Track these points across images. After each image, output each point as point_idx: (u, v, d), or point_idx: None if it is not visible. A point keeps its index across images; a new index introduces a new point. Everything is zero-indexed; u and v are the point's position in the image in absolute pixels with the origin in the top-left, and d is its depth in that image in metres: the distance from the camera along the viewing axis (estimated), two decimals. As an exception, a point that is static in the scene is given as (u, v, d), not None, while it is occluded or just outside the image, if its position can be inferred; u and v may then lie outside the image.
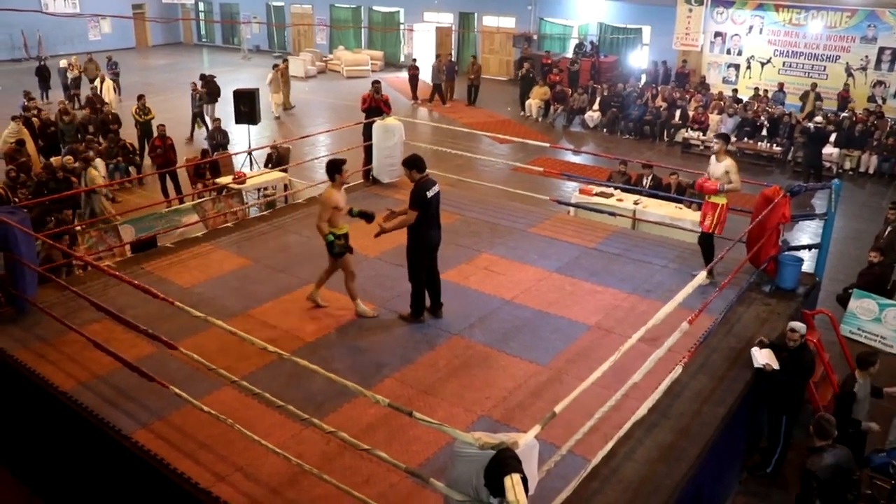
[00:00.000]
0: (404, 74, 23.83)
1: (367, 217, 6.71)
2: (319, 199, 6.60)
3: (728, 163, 7.48)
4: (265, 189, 12.11)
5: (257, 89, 14.29)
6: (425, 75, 23.48)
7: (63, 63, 22.00)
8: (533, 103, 20.30)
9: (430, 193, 6.39)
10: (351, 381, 4.30)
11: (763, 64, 20.56)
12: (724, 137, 7.66)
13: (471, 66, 21.97)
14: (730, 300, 7.09)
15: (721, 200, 7.58)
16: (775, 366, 5.99)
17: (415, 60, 22.97)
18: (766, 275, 7.73)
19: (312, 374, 4.50)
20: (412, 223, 6.40)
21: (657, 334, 5.83)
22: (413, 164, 6.44)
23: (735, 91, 19.52)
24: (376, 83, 12.13)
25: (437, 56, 22.98)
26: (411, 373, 6.04)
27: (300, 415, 4.46)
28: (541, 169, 11.56)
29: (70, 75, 21.55)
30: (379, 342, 6.54)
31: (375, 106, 11.80)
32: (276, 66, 20.48)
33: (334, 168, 6.57)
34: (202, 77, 18.42)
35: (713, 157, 7.68)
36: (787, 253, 7.76)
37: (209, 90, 18.17)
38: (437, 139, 17.23)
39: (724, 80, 21.11)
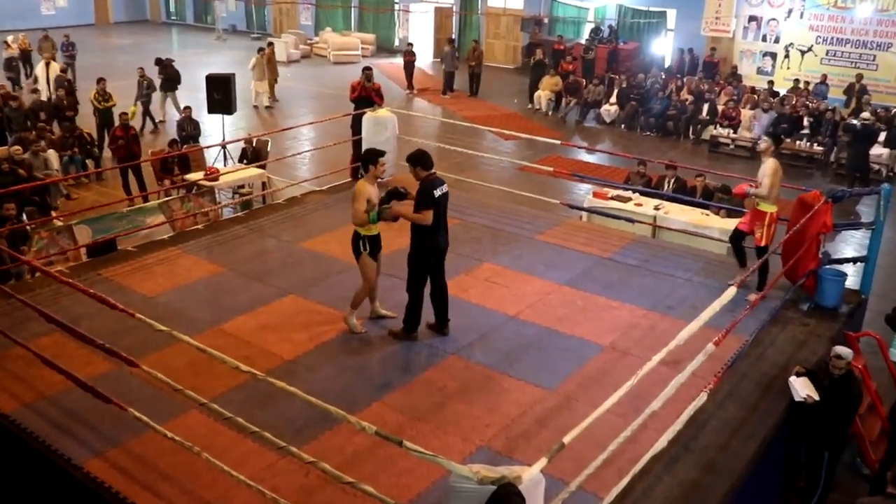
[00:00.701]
0: (399, 61, 23.91)
1: (400, 195, 6.64)
2: (353, 193, 6.62)
3: (767, 164, 7.51)
4: (240, 187, 12.11)
5: (233, 74, 14.32)
6: (422, 62, 23.55)
7: (10, 39, 21.95)
8: (542, 95, 20.37)
9: (438, 192, 6.44)
10: (334, 406, 4.30)
11: (803, 52, 20.60)
12: (774, 137, 7.70)
13: (471, 51, 22.03)
14: (762, 319, 7.11)
15: (770, 208, 7.57)
16: (816, 397, 5.99)
17: (410, 45, 23.05)
18: (805, 291, 7.75)
19: (291, 397, 4.50)
20: (424, 224, 6.43)
21: (679, 356, 5.82)
22: (418, 160, 6.49)
23: (771, 83, 19.54)
24: (367, 70, 12.18)
25: (450, 40, 22.89)
26: (402, 396, 6.04)
27: (276, 442, 4.46)
28: (550, 169, 11.59)
29: (5, 55, 21.35)
30: (366, 362, 6.54)
31: (366, 95, 11.84)
32: (261, 49, 20.45)
33: (369, 158, 6.60)
34: (158, 61, 18.26)
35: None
36: (828, 266, 7.77)
37: (167, 76, 18.02)
38: (434, 134, 17.25)
39: (759, 71, 21.17)
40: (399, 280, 7.21)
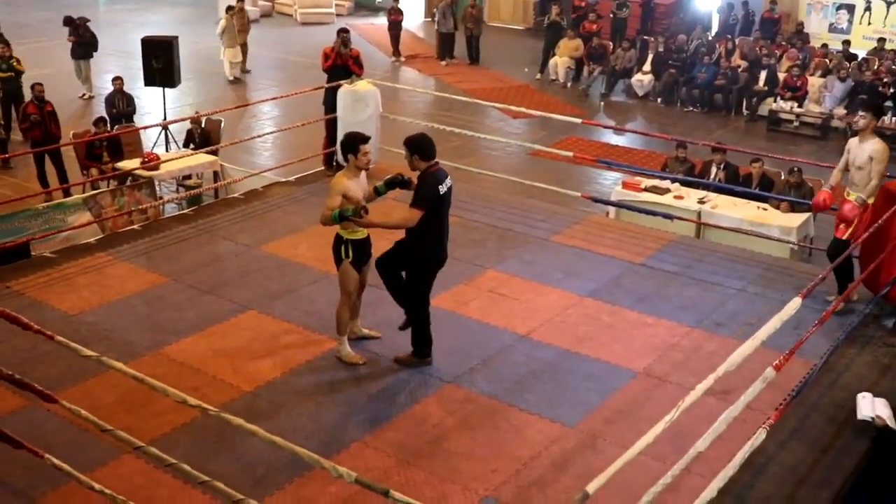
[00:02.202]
0: (382, 21, 23.94)
1: (403, 184, 6.59)
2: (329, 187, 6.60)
3: (875, 146, 7.50)
4: (187, 178, 12.10)
5: (175, 37, 14.32)
6: (411, 22, 23.49)
7: None
8: (560, 62, 20.41)
9: (444, 188, 6.44)
10: (304, 447, 4.30)
11: (890, 3, 20.51)
12: (875, 109, 7.70)
13: (468, 10, 22.05)
14: (835, 339, 7.11)
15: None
16: (891, 421, 5.97)
17: (397, 2, 23.08)
18: (889, 303, 7.76)
19: (250, 438, 4.50)
20: (414, 226, 6.41)
21: (731, 385, 5.82)
22: (416, 146, 6.44)
23: (847, 44, 19.52)
24: (344, 32, 12.18)
25: None
26: (388, 435, 6.04)
27: (232, 494, 4.45)
28: (570, 153, 11.61)
29: None
30: (344, 393, 6.54)
31: (342, 64, 11.84)
32: (230, 8, 20.26)
33: (349, 145, 6.55)
34: (69, 20, 18.13)
35: (852, 141, 7.72)
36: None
37: (79, 40, 17.92)
38: (427, 112, 17.26)
39: (832, 28, 21.12)
40: (383, 291, 7.20)
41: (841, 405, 6.51)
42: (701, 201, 10.61)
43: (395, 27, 22.31)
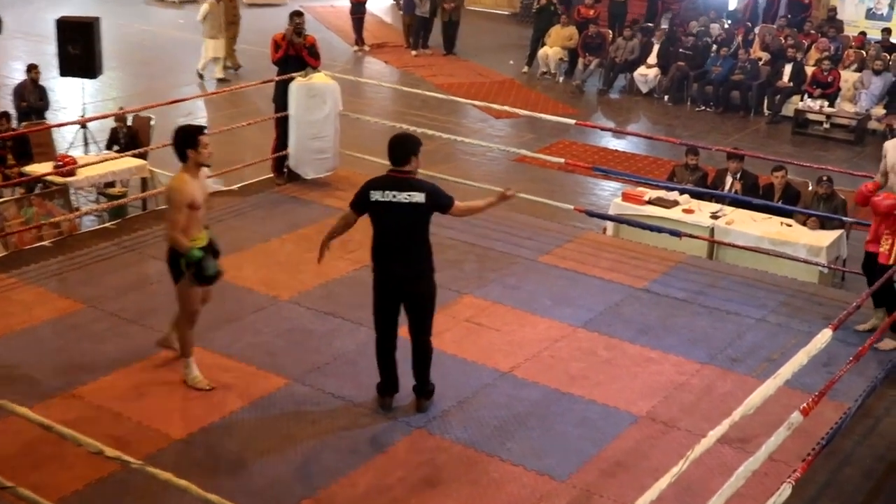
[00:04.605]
0: (344, 3, 23.98)
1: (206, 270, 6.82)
2: (166, 193, 6.68)
3: None
4: (109, 185, 12.03)
5: (97, 19, 14.24)
6: (377, 5, 23.53)
7: None
8: (551, 53, 20.53)
9: (379, 196, 6.46)
10: (243, 506, 4.28)
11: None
12: None
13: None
14: (873, 378, 7.15)
15: None
16: None
17: (360, -19, 23.18)
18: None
19: (182, 495, 4.45)
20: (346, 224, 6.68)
21: (750, 432, 5.84)
22: (389, 146, 6.68)
23: (887, 32, 19.64)
24: (297, 16, 12.17)
25: None
26: (345, 491, 6.01)
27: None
28: (561, 160, 11.65)
29: None
30: (293, 440, 6.50)
31: (295, 54, 11.85)
32: None
33: (185, 139, 6.65)
34: None
35: (891, 143, 7.81)
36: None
37: None
38: (395, 110, 17.28)
39: (870, 15, 21.29)
40: (341, 321, 7.20)
41: (880, 456, 6.53)
42: (714, 216, 10.64)
43: (357, 10, 22.29)
